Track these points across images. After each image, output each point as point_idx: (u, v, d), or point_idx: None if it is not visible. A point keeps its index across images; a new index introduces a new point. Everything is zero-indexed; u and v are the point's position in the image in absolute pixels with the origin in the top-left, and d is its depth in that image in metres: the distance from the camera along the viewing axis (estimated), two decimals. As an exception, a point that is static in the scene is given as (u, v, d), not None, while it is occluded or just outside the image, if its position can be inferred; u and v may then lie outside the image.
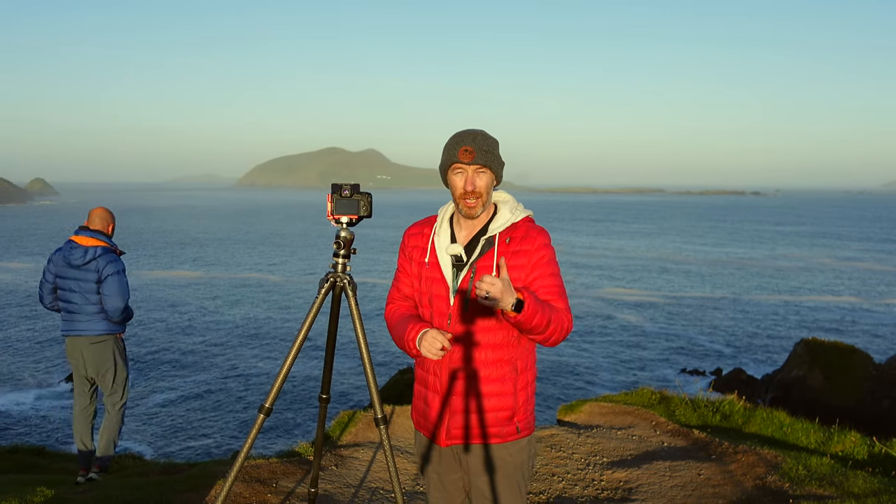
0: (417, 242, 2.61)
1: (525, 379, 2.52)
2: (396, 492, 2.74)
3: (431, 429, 2.56)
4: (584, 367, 27.96)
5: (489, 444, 2.51)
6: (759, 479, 4.79)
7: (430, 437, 2.59)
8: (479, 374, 2.46)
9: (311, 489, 3.17)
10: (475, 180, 2.41)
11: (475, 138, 2.40)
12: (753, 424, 6.91)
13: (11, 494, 4.06)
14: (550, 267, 2.43)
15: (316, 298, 2.65)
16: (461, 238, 2.52)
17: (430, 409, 2.56)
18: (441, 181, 2.53)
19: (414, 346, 2.39)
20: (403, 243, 2.67)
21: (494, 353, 2.45)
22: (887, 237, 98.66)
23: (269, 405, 2.64)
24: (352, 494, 4.73)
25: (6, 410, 21.86)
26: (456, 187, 2.44)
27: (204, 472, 4.90)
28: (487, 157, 2.40)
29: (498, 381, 2.46)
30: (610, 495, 4.87)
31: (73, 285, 5.10)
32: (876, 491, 4.37)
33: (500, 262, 2.18)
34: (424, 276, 2.54)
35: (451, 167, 2.44)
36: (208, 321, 36.09)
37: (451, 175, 2.45)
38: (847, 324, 36.78)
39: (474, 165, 2.40)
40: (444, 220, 2.57)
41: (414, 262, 2.60)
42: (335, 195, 2.67)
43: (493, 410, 2.47)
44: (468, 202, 2.42)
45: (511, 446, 2.51)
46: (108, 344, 5.25)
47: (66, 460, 6.89)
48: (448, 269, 2.48)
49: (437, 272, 2.50)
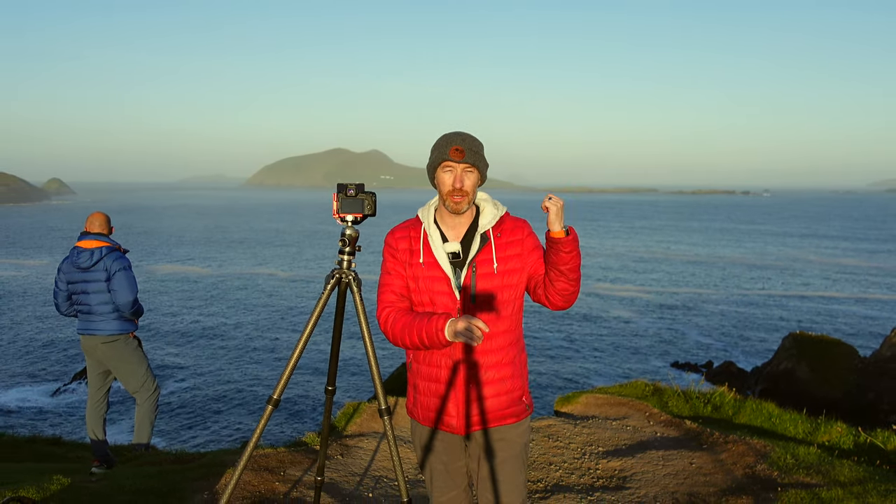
0: (407, 245, 2.56)
1: (521, 361, 2.63)
2: (400, 479, 2.75)
3: (447, 420, 2.55)
4: (580, 359, 27.97)
5: (493, 427, 2.56)
6: (748, 467, 4.79)
7: (446, 428, 2.57)
8: (490, 361, 2.52)
9: (318, 477, 3.18)
10: (464, 178, 2.46)
11: (465, 139, 2.46)
12: (743, 415, 6.92)
13: (29, 482, 4.06)
14: (539, 251, 2.57)
15: (322, 294, 2.66)
16: (452, 236, 2.54)
17: (434, 401, 2.56)
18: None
19: (444, 337, 2.28)
20: (391, 247, 2.58)
21: (501, 339, 2.52)
22: (871, 235, 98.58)
23: (277, 397, 2.65)
24: (357, 482, 4.73)
25: (24, 402, 21.91)
26: (444, 184, 2.47)
27: (214, 461, 4.90)
28: (476, 158, 2.46)
29: (507, 364, 2.54)
30: (605, 483, 4.87)
31: (86, 287, 5.21)
32: (861, 479, 4.37)
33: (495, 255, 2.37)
34: (422, 276, 2.51)
35: (441, 165, 2.47)
36: (218, 316, 36.11)
37: (440, 172, 2.48)
38: (833, 318, 36.77)
39: (464, 164, 2.45)
40: (431, 221, 2.57)
41: (406, 265, 2.54)
42: (341, 194, 2.67)
43: (506, 392, 2.55)
44: (455, 198, 2.46)
45: (521, 425, 2.61)
46: (119, 343, 5.35)
47: (81, 449, 6.89)
48: (447, 266, 2.49)
49: (437, 271, 2.49)
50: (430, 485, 2.69)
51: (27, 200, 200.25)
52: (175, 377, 25.08)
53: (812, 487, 4.26)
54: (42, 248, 69.40)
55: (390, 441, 2.71)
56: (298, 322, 34.25)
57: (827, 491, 4.15)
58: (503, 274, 2.49)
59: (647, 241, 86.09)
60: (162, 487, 4.20)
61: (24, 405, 21.57)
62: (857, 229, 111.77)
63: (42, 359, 27.29)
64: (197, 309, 37.89)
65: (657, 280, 50.77)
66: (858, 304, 41.03)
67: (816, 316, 37.32)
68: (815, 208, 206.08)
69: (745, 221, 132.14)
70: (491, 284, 2.47)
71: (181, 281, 47.92)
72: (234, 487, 2.60)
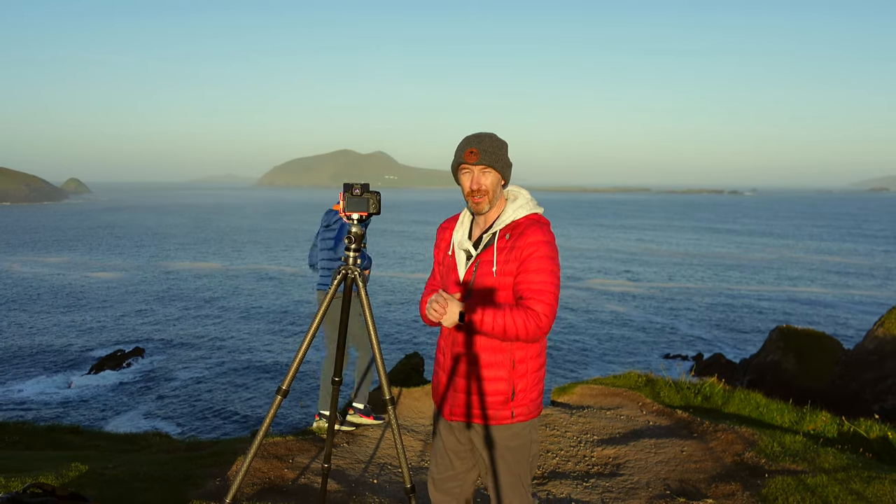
0: (445, 236, 2.67)
1: (525, 368, 2.47)
2: (403, 467, 2.74)
3: (440, 402, 2.61)
4: (576, 352, 27.99)
5: (487, 424, 2.50)
6: (737, 455, 4.78)
7: (440, 410, 2.62)
8: (478, 359, 2.46)
9: (325, 464, 3.17)
10: (480, 179, 2.44)
11: (481, 141, 2.43)
12: (732, 405, 6.91)
13: (48, 469, 4.06)
14: (537, 263, 2.37)
15: (329, 288, 2.65)
16: (476, 233, 2.56)
17: (439, 386, 2.61)
18: (454, 181, 2.58)
19: (424, 314, 2.41)
20: (436, 239, 2.73)
21: (490, 340, 2.43)
22: (852, 232, 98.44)
23: (285, 387, 2.64)
24: (362, 469, 4.73)
25: (43, 393, 21.96)
26: (464, 186, 2.48)
27: (226, 449, 4.90)
28: (491, 158, 2.42)
29: (494, 366, 2.44)
30: (600, 470, 4.87)
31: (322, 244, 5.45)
32: (845, 466, 4.37)
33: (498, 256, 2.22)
34: (445, 267, 2.61)
35: (460, 168, 2.49)
36: (230, 309, 36.15)
37: (460, 175, 2.50)
38: (818, 312, 36.76)
39: (479, 166, 2.43)
40: (466, 217, 2.62)
41: (441, 253, 2.67)
42: (347, 194, 2.67)
43: (489, 394, 2.46)
44: (475, 199, 2.46)
45: (506, 429, 2.48)
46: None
47: (99, 438, 6.89)
48: (462, 261, 2.52)
49: (454, 264, 2.56)
50: (431, 461, 2.73)
51: (47, 199, 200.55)
52: (187, 368, 25.12)
53: (798, 474, 4.25)
54: (62, 246, 69.48)
55: (394, 430, 2.70)
56: (306, 316, 34.28)
57: (812, 477, 4.14)
58: (501, 275, 2.43)
59: (640, 237, 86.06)
60: (176, 474, 4.20)
61: (44, 395, 21.62)
62: (838, 226, 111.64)
63: (60, 350, 27.35)
64: (209, 303, 37.93)
65: (650, 275, 50.74)
66: (841, 299, 41.00)
67: (802, 310, 37.30)
68: (798, 206, 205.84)
69: (729, 220, 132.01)
70: (488, 283, 2.44)
71: (194, 277, 47.97)
72: (245, 474, 2.60)
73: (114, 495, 3.69)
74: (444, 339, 2.57)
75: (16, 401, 20.90)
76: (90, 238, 78.88)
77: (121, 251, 64.77)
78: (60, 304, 36.79)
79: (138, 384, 22.92)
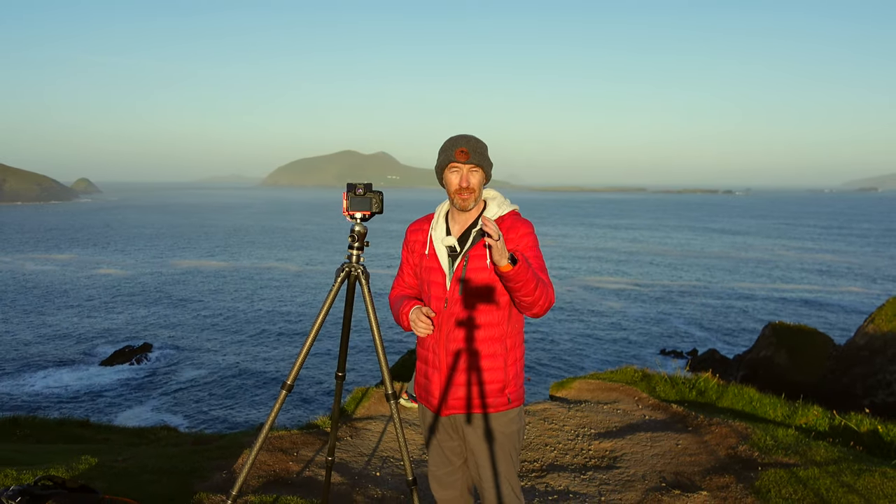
0: (418, 237, 2.67)
1: (514, 355, 2.55)
2: (405, 460, 2.75)
3: (432, 401, 2.59)
4: (573, 347, 27.98)
5: (486, 413, 2.53)
6: (731, 448, 4.78)
7: (432, 409, 2.61)
8: (473, 351, 2.49)
9: (329, 458, 3.17)
10: (469, 177, 2.48)
11: (469, 141, 2.49)
12: (726, 399, 6.90)
13: (59, 462, 4.07)
14: (532, 251, 2.47)
15: (332, 286, 2.65)
16: (455, 231, 2.56)
17: (430, 384, 2.59)
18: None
19: (406, 320, 2.50)
20: (406, 239, 2.73)
21: (487, 331, 2.48)
22: (842, 231, 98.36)
23: (290, 382, 2.64)
24: (365, 462, 4.73)
25: (53, 387, 21.96)
26: (451, 184, 2.50)
27: (232, 442, 4.91)
28: (480, 158, 2.48)
29: (490, 356, 2.49)
30: (597, 463, 4.87)
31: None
32: (836, 459, 4.37)
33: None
34: (424, 266, 2.60)
35: (448, 166, 2.51)
36: (236, 306, 36.15)
37: (447, 173, 2.52)
38: (810, 309, 36.74)
39: (469, 164, 2.48)
40: (441, 216, 2.63)
41: (415, 255, 2.66)
42: (350, 193, 2.67)
43: (486, 383, 2.49)
44: (462, 196, 2.49)
45: (503, 416, 2.54)
46: None
47: (108, 431, 6.90)
48: (444, 258, 2.53)
49: (435, 262, 2.55)
50: (429, 459, 2.74)
51: (58, 199, 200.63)
52: (194, 364, 25.13)
53: (790, 467, 4.25)
54: (73, 244, 69.50)
55: (396, 424, 2.71)
56: (310, 313, 34.28)
57: (804, 470, 4.14)
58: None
59: (636, 236, 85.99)
60: (184, 467, 4.21)
61: (54, 390, 21.64)
62: (830, 225, 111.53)
63: (70, 346, 27.36)
64: (215, 300, 37.94)
65: (646, 273, 50.71)
66: (832, 296, 40.98)
67: (794, 307, 37.28)
68: (791, 206, 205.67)
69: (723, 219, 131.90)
70: (481, 277, 2.45)
71: (200, 275, 47.98)
72: (251, 467, 2.60)
73: (123, 488, 3.69)
74: (431, 337, 2.55)
75: (27, 395, 20.93)
76: (101, 238, 78.88)
77: (130, 249, 64.79)
78: (71, 301, 36.81)
79: (146, 379, 22.93)
